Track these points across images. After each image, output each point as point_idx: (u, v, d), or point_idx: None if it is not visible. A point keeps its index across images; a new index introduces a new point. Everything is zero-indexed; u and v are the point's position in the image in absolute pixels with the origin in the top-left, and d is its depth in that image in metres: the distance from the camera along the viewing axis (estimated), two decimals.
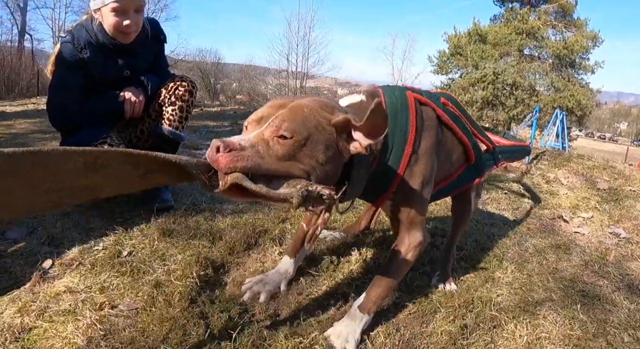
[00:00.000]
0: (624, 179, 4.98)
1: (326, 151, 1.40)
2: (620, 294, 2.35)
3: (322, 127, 1.40)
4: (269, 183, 1.29)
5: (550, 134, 13.94)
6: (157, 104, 2.75)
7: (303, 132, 1.35)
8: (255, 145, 1.30)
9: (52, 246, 2.25)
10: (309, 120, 1.39)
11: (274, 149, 1.32)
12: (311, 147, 1.37)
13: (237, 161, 1.24)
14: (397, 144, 1.71)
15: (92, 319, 1.68)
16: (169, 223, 2.51)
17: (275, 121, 1.36)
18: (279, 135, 1.33)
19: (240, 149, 1.26)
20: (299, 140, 1.34)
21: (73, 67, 2.52)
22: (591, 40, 27.96)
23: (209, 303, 1.80)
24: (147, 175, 1.25)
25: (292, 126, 1.34)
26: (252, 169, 1.26)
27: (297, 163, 1.35)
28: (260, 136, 1.34)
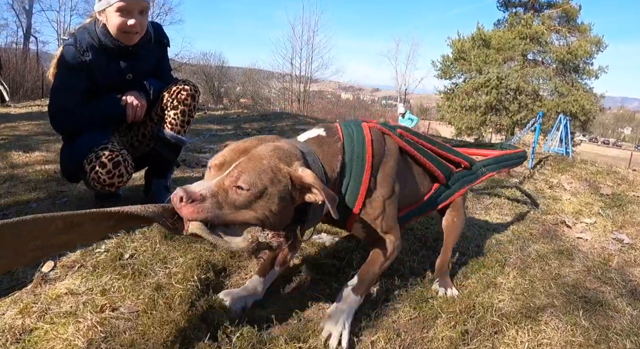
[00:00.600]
0: (627, 184, 4.96)
1: (280, 202, 1.52)
2: (623, 301, 2.34)
3: (277, 180, 1.51)
4: (226, 228, 1.44)
5: (553, 139, 13.89)
6: (160, 108, 2.75)
7: (259, 185, 1.46)
8: (215, 194, 1.42)
9: None
10: (266, 173, 1.49)
11: (232, 199, 1.43)
12: (266, 199, 1.48)
13: (198, 213, 1.38)
14: (355, 171, 1.83)
15: (93, 321, 1.68)
16: None
17: (234, 172, 1.47)
18: (237, 185, 1.44)
19: (202, 200, 1.39)
20: (254, 193, 1.45)
21: (75, 70, 2.52)
22: (595, 45, 27.94)
23: (209, 307, 1.79)
24: (117, 225, 1.45)
25: (250, 179, 1.45)
26: (211, 220, 1.40)
27: (252, 212, 1.46)
28: (220, 184, 1.45)
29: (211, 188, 1.43)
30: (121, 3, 2.42)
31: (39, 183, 3.22)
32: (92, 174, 2.42)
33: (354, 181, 1.83)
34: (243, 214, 1.46)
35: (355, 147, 1.87)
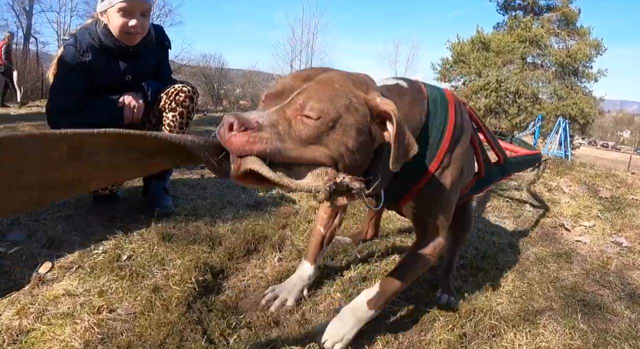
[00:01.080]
0: (626, 187, 4.95)
1: (358, 136, 1.22)
2: (622, 304, 2.34)
3: (354, 107, 1.21)
4: (288, 170, 1.12)
5: (553, 142, 13.93)
6: (158, 110, 2.75)
7: (332, 112, 1.17)
8: (275, 124, 1.12)
9: (52, 248, 2.25)
10: (340, 98, 1.20)
11: (297, 130, 1.14)
12: (341, 130, 1.18)
13: (253, 143, 1.07)
14: (432, 139, 1.57)
15: (90, 322, 1.68)
16: (168, 228, 2.51)
17: (299, 97, 1.18)
18: (303, 114, 1.15)
19: (258, 129, 1.09)
20: (326, 122, 1.16)
21: (75, 70, 2.52)
22: (594, 49, 28.06)
23: (206, 309, 1.79)
24: (143, 160, 1.10)
25: (320, 105, 1.16)
26: (271, 153, 1.08)
27: (323, 148, 1.16)
28: (281, 113, 1.16)
29: (270, 116, 1.13)
30: (123, 4, 2.42)
31: None
32: None
33: (428, 149, 1.56)
34: (312, 150, 1.15)
35: (439, 111, 1.59)
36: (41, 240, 2.31)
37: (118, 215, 2.72)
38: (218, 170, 1.12)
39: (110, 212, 2.74)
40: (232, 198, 3.22)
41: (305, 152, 1.14)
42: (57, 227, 2.47)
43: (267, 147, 1.07)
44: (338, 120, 1.18)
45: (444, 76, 30.39)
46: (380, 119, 1.27)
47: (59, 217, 2.61)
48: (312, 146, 1.15)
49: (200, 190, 3.36)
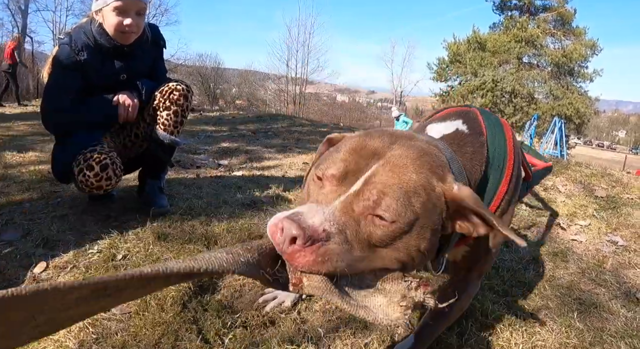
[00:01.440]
0: (621, 186, 4.96)
1: (431, 237, 1.07)
2: (618, 302, 2.34)
3: (432, 205, 1.05)
4: (352, 277, 1.00)
5: (548, 142, 13.98)
6: (152, 108, 2.74)
7: (409, 215, 1.00)
8: (343, 230, 0.96)
9: (46, 248, 2.25)
10: (417, 195, 1.02)
11: (366, 233, 0.99)
12: (415, 234, 1.03)
13: (322, 263, 0.93)
14: (490, 184, 1.42)
15: (85, 322, 1.67)
16: (164, 227, 2.51)
17: (371, 190, 1.00)
18: (375, 214, 0.99)
19: (326, 239, 0.94)
20: (402, 226, 1.00)
21: (69, 69, 2.52)
22: (590, 49, 28.15)
23: (202, 309, 1.79)
24: (181, 279, 0.97)
25: (396, 206, 0.99)
26: (341, 272, 0.96)
27: (393, 252, 1.02)
28: (348, 210, 0.99)
29: (337, 219, 0.96)
30: (118, 2, 2.43)
31: (32, 183, 3.21)
32: (80, 177, 2.41)
33: (485, 194, 1.41)
34: (381, 257, 1.01)
35: (497, 153, 1.43)
36: (36, 240, 2.30)
37: (113, 214, 2.71)
38: (274, 283, 0.97)
39: (105, 212, 2.73)
40: (228, 197, 3.21)
41: (374, 261, 1.01)
42: (52, 226, 2.46)
43: (337, 268, 0.95)
44: (415, 222, 1.02)
45: (440, 76, 30.43)
46: (456, 211, 1.12)
47: (54, 216, 2.61)
48: (382, 251, 1.01)
49: (196, 189, 3.35)
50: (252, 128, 7.33)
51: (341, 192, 1.02)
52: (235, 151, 5.20)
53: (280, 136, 6.61)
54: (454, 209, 1.10)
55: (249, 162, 4.73)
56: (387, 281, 1.02)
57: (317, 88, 42.59)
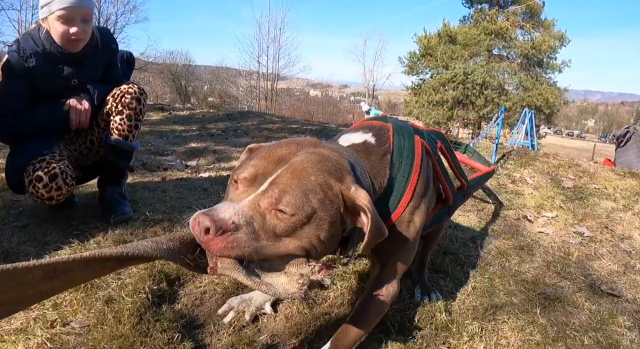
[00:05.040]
0: (588, 177, 5.03)
1: (330, 228, 1.25)
2: (582, 295, 2.36)
3: (329, 201, 1.24)
4: (263, 262, 1.19)
5: (519, 132, 14.12)
6: (105, 113, 2.68)
7: (307, 209, 1.20)
8: (251, 221, 1.16)
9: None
10: (314, 193, 1.22)
11: (271, 225, 1.18)
12: (314, 225, 1.22)
13: (232, 248, 1.13)
14: (395, 190, 1.60)
15: (43, 338, 1.64)
16: (125, 235, 2.46)
17: (274, 190, 1.20)
18: (278, 208, 1.18)
19: (235, 229, 1.14)
20: (301, 218, 1.19)
21: (17, 76, 2.46)
22: (558, 40, 28.55)
23: (153, 321, 1.75)
24: (117, 266, 1.16)
25: (295, 201, 1.18)
26: (248, 256, 1.15)
27: (296, 241, 1.21)
28: (255, 206, 1.19)
29: (245, 212, 1.16)
30: (62, 11, 2.38)
31: None
32: (30, 188, 2.37)
33: (391, 201, 1.59)
34: (285, 244, 1.20)
35: (404, 163, 1.62)
36: None
37: (75, 223, 2.65)
38: (194, 267, 1.19)
39: (66, 220, 2.68)
40: (193, 201, 3.16)
41: (279, 248, 1.20)
42: (13, 237, 2.41)
43: (244, 252, 1.14)
44: (312, 215, 1.21)
45: (412, 69, 30.56)
46: (353, 208, 1.31)
47: (15, 227, 2.54)
48: (285, 240, 1.20)
49: (160, 193, 3.29)
50: (222, 127, 7.25)
51: (251, 192, 1.22)
52: (204, 151, 5.13)
53: (250, 134, 6.54)
54: (351, 207, 1.30)
55: (216, 162, 4.67)
56: (292, 265, 1.21)
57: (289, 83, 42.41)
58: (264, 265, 1.19)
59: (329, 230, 1.25)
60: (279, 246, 1.20)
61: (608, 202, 4.22)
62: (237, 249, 1.13)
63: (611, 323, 2.12)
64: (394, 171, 1.60)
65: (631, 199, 4.30)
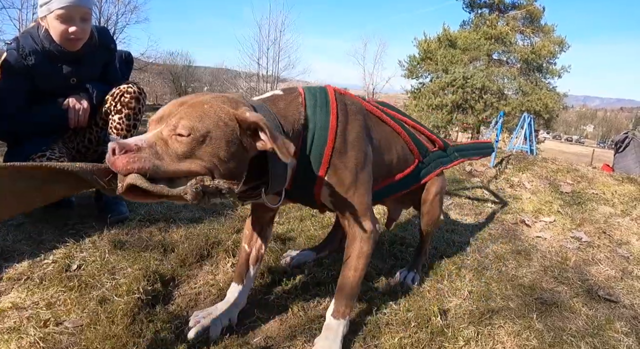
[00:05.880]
0: (587, 182, 5.03)
1: (228, 148, 1.36)
2: (579, 300, 2.35)
3: (223, 123, 1.36)
4: (170, 183, 1.27)
5: (518, 137, 14.13)
6: (104, 112, 2.68)
7: (201, 128, 1.31)
8: (152, 145, 1.28)
9: (1, 259, 2.18)
10: (208, 116, 1.35)
11: (173, 148, 1.29)
12: (211, 144, 1.33)
13: (133, 162, 1.22)
14: (319, 123, 1.67)
15: (36, 337, 1.62)
16: (121, 235, 2.45)
17: (172, 119, 1.33)
18: (176, 133, 1.30)
19: (137, 150, 1.25)
20: (196, 137, 1.30)
21: (17, 74, 2.46)
22: (558, 46, 28.58)
23: (147, 322, 1.74)
24: (43, 186, 1.24)
25: (190, 123, 1.30)
26: (150, 170, 1.24)
27: (198, 160, 1.31)
28: (158, 135, 1.31)
29: (148, 139, 1.29)
30: (61, 10, 2.38)
31: None
32: None
33: (318, 136, 1.66)
34: (187, 164, 1.30)
35: (318, 100, 1.71)
36: None
37: (70, 222, 2.64)
38: (108, 190, 1.29)
39: (62, 220, 2.66)
40: None
41: (181, 166, 1.29)
42: (8, 236, 2.39)
43: (145, 165, 1.23)
44: (208, 135, 1.32)
45: (411, 73, 30.59)
46: (252, 131, 1.41)
47: (10, 225, 2.53)
48: (188, 160, 1.30)
49: None
50: None
51: (156, 128, 1.34)
52: None
53: None
54: (248, 129, 1.40)
55: None
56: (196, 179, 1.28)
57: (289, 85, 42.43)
58: (172, 185, 1.26)
59: (227, 149, 1.35)
60: (181, 164, 1.29)
61: (606, 207, 4.22)
62: (138, 163, 1.22)
63: (608, 329, 2.11)
64: (309, 109, 1.69)
65: (629, 205, 4.30)
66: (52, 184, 1.25)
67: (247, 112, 1.40)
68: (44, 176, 1.20)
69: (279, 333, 1.82)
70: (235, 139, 1.38)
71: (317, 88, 1.79)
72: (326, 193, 1.74)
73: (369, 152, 1.82)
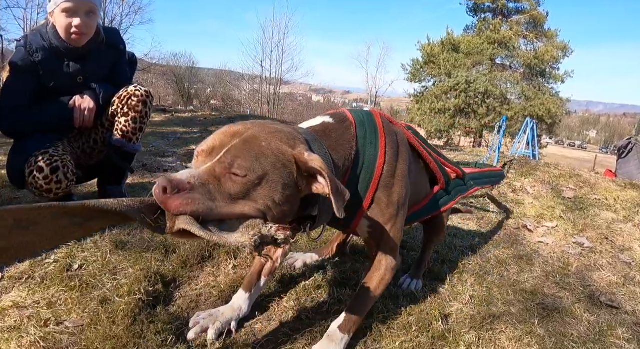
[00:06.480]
0: (589, 187, 5.02)
1: (284, 191, 1.31)
2: (581, 306, 2.34)
3: (281, 164, 1.30)
4: (221, 224, 1.22)
5: (520, 142, 14.13)
6: (111, 114, 2.68)
7: (258, 170, 1.25)
8: (206, 183, 1.21)
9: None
10: (266, 156, 1.28)
11: (226, 188, 1.23)
12: (267, 187, 1.27)
13: (187, 205, 1.16)
14: (367, 158, 1.65)
15: (37, 336, 1.62)
16: (123, 235, 2.45)
17: (227, 156, 1.26)
18: (231, 172, 1.24)
19: (190, 189, 1.18)
20: (252, 179, 1.25)
21: (25, 70, 2.49)
22: (561, 51, 28.60)
23: (147, 322, 1.73)
24: (85, 223, 1.19)
25: (246, 164, 1.24)
26: (203, 213, 1.18)
27: (251, 203, 1.26)
28: (211, 171, 1.24)
29: (201, 176, 1.22)
30: (67, 4, 2.40)
31: None
32: (30, 178, 2.37)
33: (365, 169, 1.64)
34: (241, 206, 1.24)
35: (368, 132, 1.67)
36: None
37: None
38: (155, 228, 1.22)
39: None
40: None
41: (234, 208, 1.23)
42: None
43: (199, 208, 1.17)
44: (264, 177, 1.27)
45: (414, 76, 30.62)
46: (308, 174, 1.36)
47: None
48: (241, 201, 1.24)
49: None
50: None
51: (208, 161, 1.27)
52: None
53: None
54: (305, 171, 1.35)
55: None
56: (250, 225, 1.24)
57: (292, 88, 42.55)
58: (222, 227, 1.22)
59: (283, 192, 1.30)
60: (234, 207, 1.23)
61: (609, 213, 4.20)
62: (192, 205, 1.16)
63: (610, 335, 2.10)
64: (359, 142, 1.66)
65: (632, 211, 4.29)
66: (94, 220, 1.21)
67: (306, 153, 1.34)
68: (88, 214, 1.15)
69: (279, 335, 1.81)
70: (291, 182, 1.33)
71: (365, 116, 1.75)
72: (364, 225, 1.74)
73: (409, 189, 1.83)
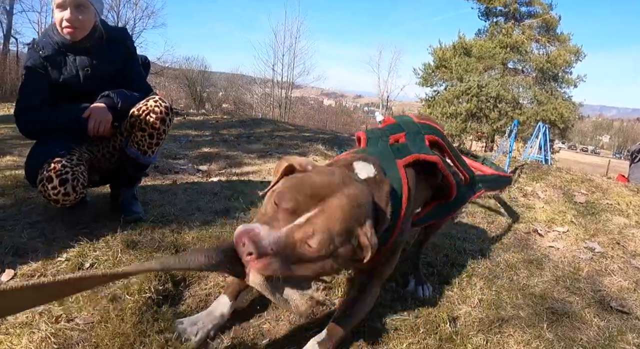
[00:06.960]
0: (601, 192, 4.98)
1: (343, 261, 1.52)
2: (591, 311, 2.33)
3: (349, 243, 1.48)
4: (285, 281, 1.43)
5: (533, 146, 14.06)
6: (129, 124, 2.68)
7: (330, 248, 1.43)
8: (284, 249, 1.38)
9: (16, 256, 2.21)
10: (340, 236, 1.45)
11: (299, 253, 1.40)
12: (332, 258, 1.46)
13: (267, 269, 1.36)
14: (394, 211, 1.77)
15: (48, 332, 1.64)
16: (134, 235, 2.47)
17: (308, 228, 1.40)
18: (307, 242, 1.39)
19: (273, 255, 1.36)
20: (323, 253, 1.42)
21: (35, 70, 2.56)
22: (574, 55, 28.41)
23: (152, 321, 1.75)
24: None
25: (322, 241, 1.41)
26: (276, 276, 1.39)
27: (315, 267, 1.45)
28: (290, 236, 1.39)
29: (281, 241, 1.38)
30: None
31: (6, 189, 3.14)
32: (40, 186, 2.37)
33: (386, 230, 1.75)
34: (305, 269, 1.44)
35: (396, 189, 1.84)
36: (6, 247, 2.26)
37: (84, 221, 2.67)
38: (233, 273, 1.45)
39: (76, 218, 2.69)
40: (202, 204, 3.17)
41: (300, 271, 1.43)
42: (23, 233, 2.42)
43: (277, 273, 1.38)
44: (333, 252, 1.45)
45: (426, 81, 30.56)
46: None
47: (25, 223, 2.56)
48: (307, 264, 1.43)
49: (170, 196, 3.31)
50: (235, 133, 7.29)
51: (289, 223, 1.42)
52: (216, 156, 5.15)
53: (262, 140, 6.57)
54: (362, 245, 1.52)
55: (228, 167, 4.69)
56: (305, 282, 1.47)
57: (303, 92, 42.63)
58: (290, 281, 1.43)
59: (342, 263, 1.53)
60: (301, 269, 1.43)
61: (620, 218, 4.17)
62: (270, 270, 1.37)
63: (620, 340, 2.09)
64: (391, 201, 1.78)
65: None
66: None
67: (369, 233, 1.51)
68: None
69: (287, 335, 1.82)
70: (350, 253, 1.51)
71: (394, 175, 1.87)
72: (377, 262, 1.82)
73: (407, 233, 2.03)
